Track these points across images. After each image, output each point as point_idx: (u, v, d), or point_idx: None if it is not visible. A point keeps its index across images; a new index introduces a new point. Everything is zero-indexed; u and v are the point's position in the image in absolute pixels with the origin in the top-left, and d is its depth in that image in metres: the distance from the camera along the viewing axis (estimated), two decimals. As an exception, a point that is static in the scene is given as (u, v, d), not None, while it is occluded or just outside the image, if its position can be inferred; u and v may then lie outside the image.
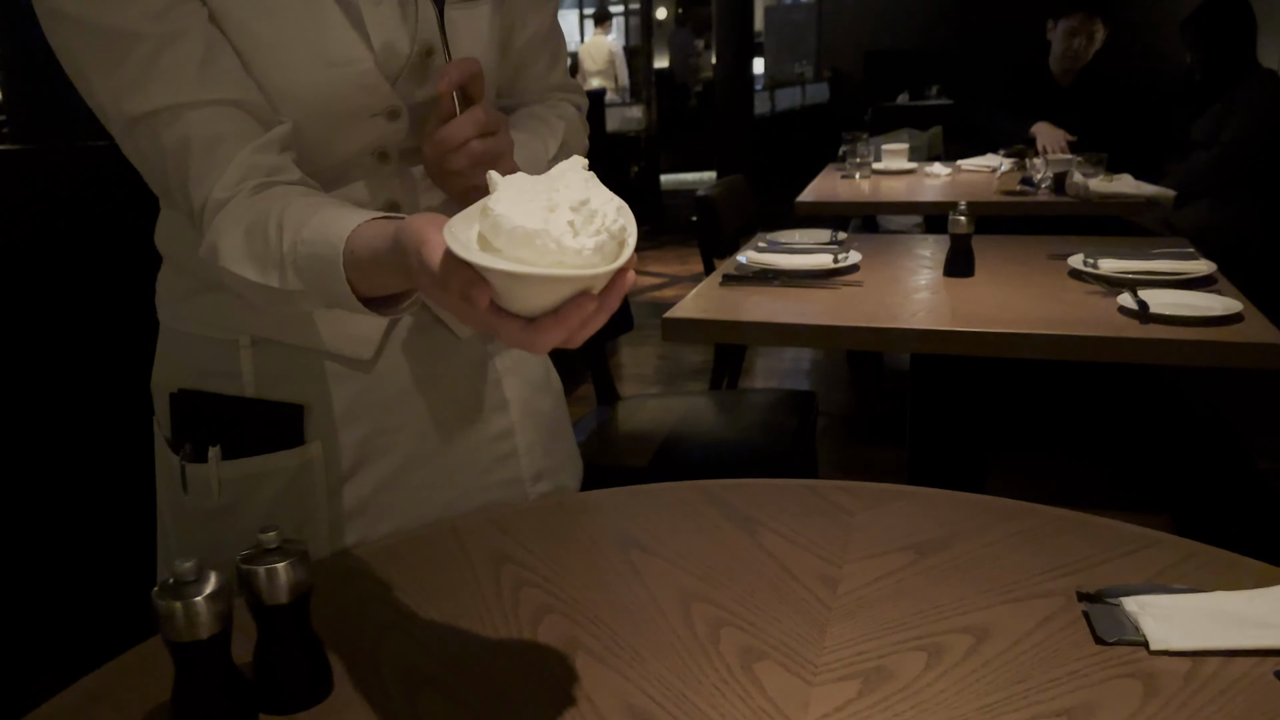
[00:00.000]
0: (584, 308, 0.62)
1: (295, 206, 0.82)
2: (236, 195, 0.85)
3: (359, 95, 0.93)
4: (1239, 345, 1.62)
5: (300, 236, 0.79)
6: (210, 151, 0.86)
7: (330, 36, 0.90)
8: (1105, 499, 2.83)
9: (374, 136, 0.96)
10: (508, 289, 0.61)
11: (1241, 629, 0.80)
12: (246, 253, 0.83)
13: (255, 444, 1.01)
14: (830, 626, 0.84)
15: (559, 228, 0.60)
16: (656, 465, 2.13)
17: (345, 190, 0.97)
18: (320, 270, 0.77)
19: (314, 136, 0.93)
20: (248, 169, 0.86)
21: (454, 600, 0.90)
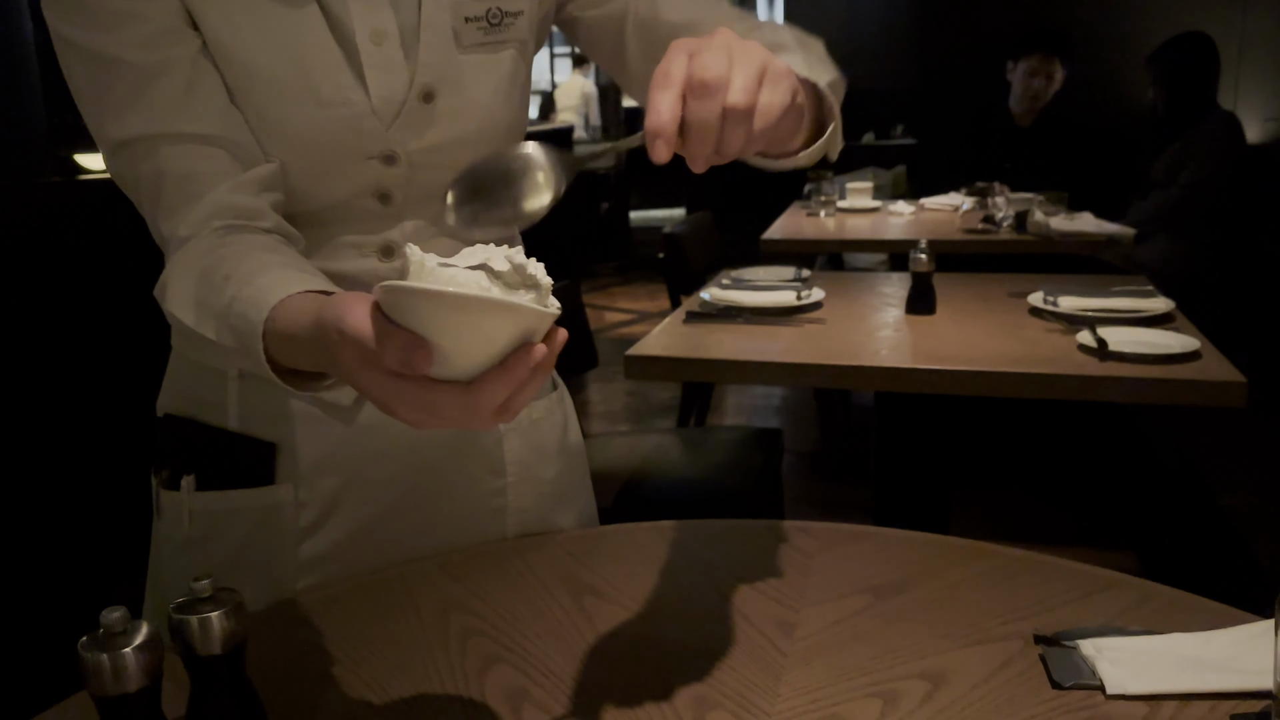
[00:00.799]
0: (531, 356, 0.56)
1: (251, 261, 0.78)
2: (200, 234, 0.83)
3: (351, 137, 0.90)
4: (1196, 383, 1.63)
5: (240, 293, 0.74)
6: (181, 187, 0.84)
7: (323, 75, 0.88)
8: (1069, 536, 2.84)
9: (370, 180, 0.93)
10: (451, 335, 0.56)
11: (1198, 672, 0.79)
12: (192, 299, 0.80)
13: (227, 478, 0.99)
14: (785, 673, 0.83)
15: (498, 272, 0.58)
16: (621, 504, 2.11)
17: (342, 233, 0.95)
18: (245, 333, 0.72)
19: (305, 175, 0.91)
20: (216, 209, 0.84)
21: (399, 650, 0.87)
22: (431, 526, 1.06)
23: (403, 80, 0.90)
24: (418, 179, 0.95)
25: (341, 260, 0.95)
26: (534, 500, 1.11)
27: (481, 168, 0.69)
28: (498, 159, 0.70)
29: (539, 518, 1.11)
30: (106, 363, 2.30)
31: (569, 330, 0.62)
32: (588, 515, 1.20)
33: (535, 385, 0.58)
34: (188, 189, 0.84)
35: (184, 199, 0.84)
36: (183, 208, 0.84)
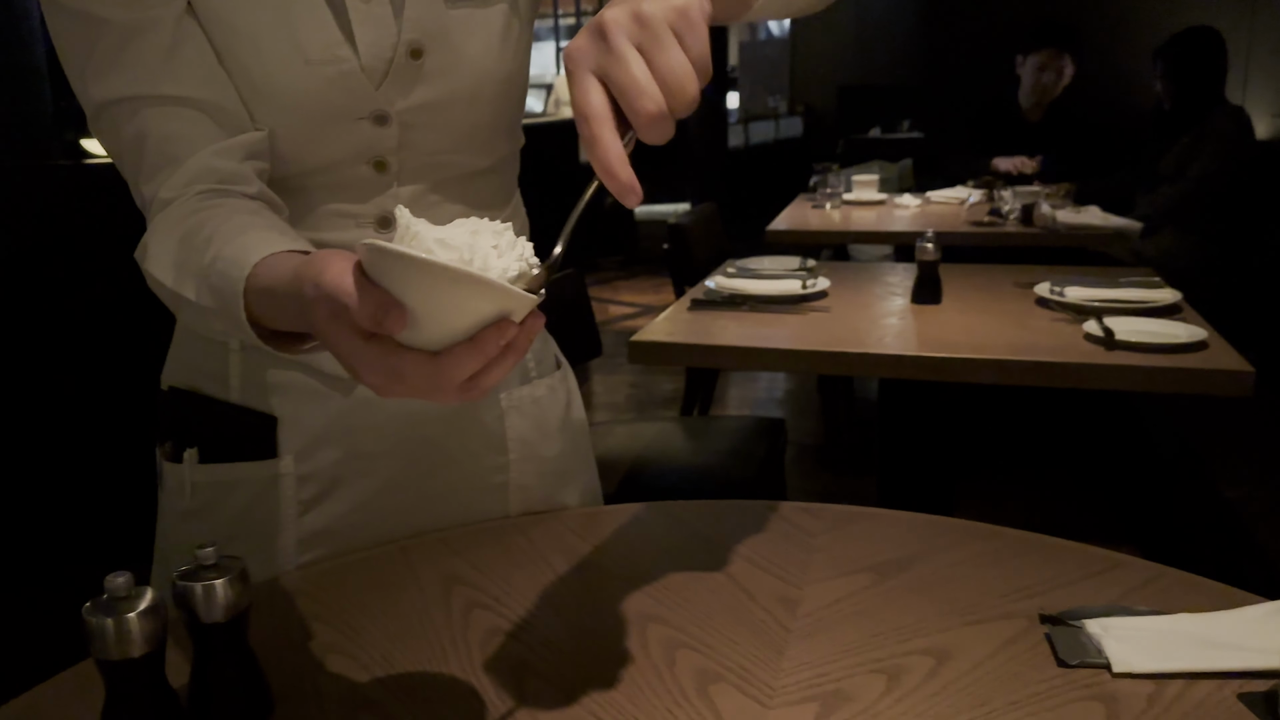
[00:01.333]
0: (504, 332, 0.55)
1: (233, 222, 0.77)
2: (182, 197, 0.83)
3: (340, 96, 0.89)
4: (1204, 372, 1.62)
5: (221, 252, 0.73)
6: (162, 149, 0.84)
7: (310, 32, 0.87)
8: (1071, 526, 2.82)
9: (362, 142, 0.92)
10: (428, 303, 0.55)
11: (1205, 650, 0.79)
12: (173, 259, 0.79)
13: (229, 450, 0.99)
14: (788, 649, 0.82)
15: (483, 248, 0.56)
16: (623, 492, 2.11)
17: (335, 201, 0.94)
18: (226, 291, 0.71)
19: (295, 139, 0.90)
20: (199, 172, 0.83)
21: (401, 622, 0.87)
22: (433, 502, 1.05)
23: (390, 36, 0.89)
24: (412, 141, 0.93)
25: (336, 230, 0.94)
26: (536, 478, 1.10)
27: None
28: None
29: (542, 496, 1.11)
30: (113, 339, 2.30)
31: (572, 317, 0.61)
32: (591, 494, 1.19)
33: (506, 366, 0.58)
34: (169, 151, 0.84)
35: (165, 161, 0.84)
36: (164, 170, 0.83)
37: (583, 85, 0.62)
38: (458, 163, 0.98)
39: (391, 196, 0.95)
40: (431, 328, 0.56)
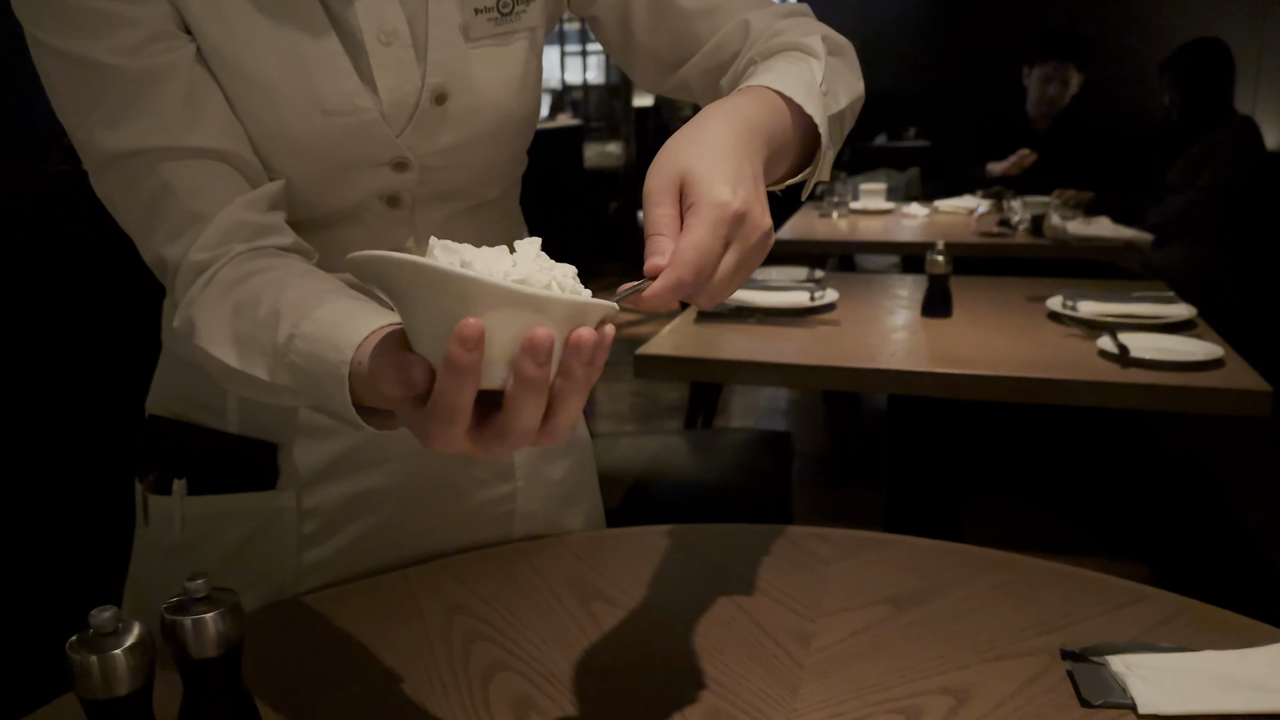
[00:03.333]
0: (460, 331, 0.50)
1: (293, 291, 0.73)
2: (220, 259, 0.78)
3: (360, 145, 0.85)
4: (1221, 391, 1.59)
5: (299, 330, 0.68)
6: (186, 206, 0.79)
7: (327, 80, 0.82)
8: (1083, 546, 2.80)
9: (380, 186, 0.88)
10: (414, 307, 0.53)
11: (1233, 691, 0.76)
12: (231, 335, 0.74)
13: (224, 481, 0.95)
14: (802, 687, 0.79)
15: (496, 255, 0.53)
16: (628, 505, 2.08)
17: (347, 236, 0.90)
18: (319, 373, 0.67)
19: (311, 186, 0.86)
20: (231, 228, 0.79)
21: (399, 655, 0.84)
22: (437, 533, 1.02)
23: (413, 81, 0.85)
24: (431, 180, 0.90)
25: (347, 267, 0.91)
26: (541, 503, 1.07)
27: None
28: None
29: (546, 520, 1.08)
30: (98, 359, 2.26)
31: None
32: (595, 515, 1.17)
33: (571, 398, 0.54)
34: (194, 208, 0.79)
35: (190, 219, 0.79)
36: (190, 229, 0.79)
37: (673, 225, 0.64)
38: (472, 195, 0.95)
39: (405, 231, 0.92)
40: (420, 335, 0.53)
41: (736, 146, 0.67)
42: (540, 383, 0.52)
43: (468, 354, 0.50)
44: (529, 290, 0.51)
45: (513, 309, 0.51)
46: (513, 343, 0.51)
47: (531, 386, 0.52)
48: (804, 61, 0.81)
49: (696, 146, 0.66)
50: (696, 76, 0.93)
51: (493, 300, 0.50)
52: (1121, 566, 2.57)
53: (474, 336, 0.49)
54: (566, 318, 0.52)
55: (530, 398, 0.52)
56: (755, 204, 0.65)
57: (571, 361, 0.53)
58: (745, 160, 0.67)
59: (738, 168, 0.65)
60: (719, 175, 0.64)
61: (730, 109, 0.72)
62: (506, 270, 0.52)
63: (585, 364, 0.53)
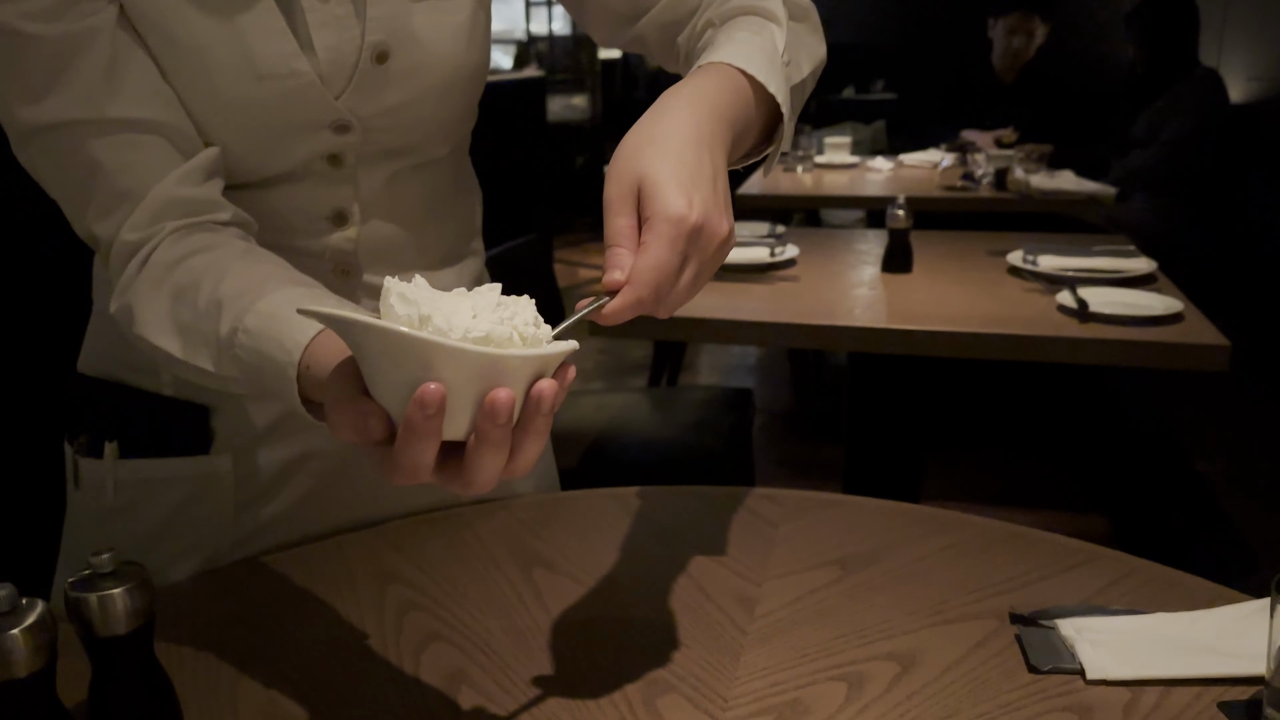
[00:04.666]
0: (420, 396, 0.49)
1: (234, 278, 0.70)
2: (152, 239, 0.75)
3: (298, 110, 0.80)
4: (1179, 346, 1.58)
5: (243, 324, 0.66)
6: (115, 182, 0.75)
7: (261, 42, 0.77)
8: (1043, 500, 2.81)
9: (321, 147, 0.84)
10: (374, 365, 0.52)
11: (1183, 655, 0.74)
12: (172, 323, 0.72)
13: (157, 444, 0.92)
14: (744, 654, 0.77)
15: (455, 307, 0.51)
16: (586, 464, 2.05)
17: (287, 195, 0.85)
18: (266, 371, 0.65)
19: (247, 152, 0.81)
20: (164, 205, 0.75)
21: (329, 626, 0.81)
22: (380, 497, 0.99)
23: (353, 39, 0.80)
24: (373, 140, 0.86)
25: (284, 232, 0.86)
26: None
27: None
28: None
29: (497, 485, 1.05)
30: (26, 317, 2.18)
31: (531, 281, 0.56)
32: (548, 479, 1.14)
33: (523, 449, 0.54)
34: (123, 185, 0.75)
35: (120, 196, 0.75)
36: (120, 207, 0.75)
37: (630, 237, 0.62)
38: (418, 152, 0.91)
39: (346, 190, 0.88)
40: (379, 389, 0.52)
41: (697, 142, 0.65)
42: (502, 440, 0.52)
43: (428, 420, 0.50)
44: (490, 352, 0.50)
45: (474, 369, 0.50)
46: (474, 398, 0.51)
47: (492, 444, 0.52)
48: (765, 29, 0.77)
49: (654, 148, 0.64)
50: (653, 32, 0.89)
51: (454, 364, 0.50)
52: (1081, 520, 2.59)
53: (435, 402, 0.49)
54: (528, 373, 0.52)
55: (492, 452, 0.52)
56: (713, 211, 0.63)
57: (533, 413, 0.53)
58: (705, 157, 0.65)
59: (696, 170, 0.64)
60: (676, 183, 0.62)
61: (692, 95, 0.69)
62: (467, 327, 0.51)
63: (545, 414, 0.53)
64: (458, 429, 0.52)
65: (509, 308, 0.52)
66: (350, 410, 0.53)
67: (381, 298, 0.52)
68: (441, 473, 0.54)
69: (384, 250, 0.91)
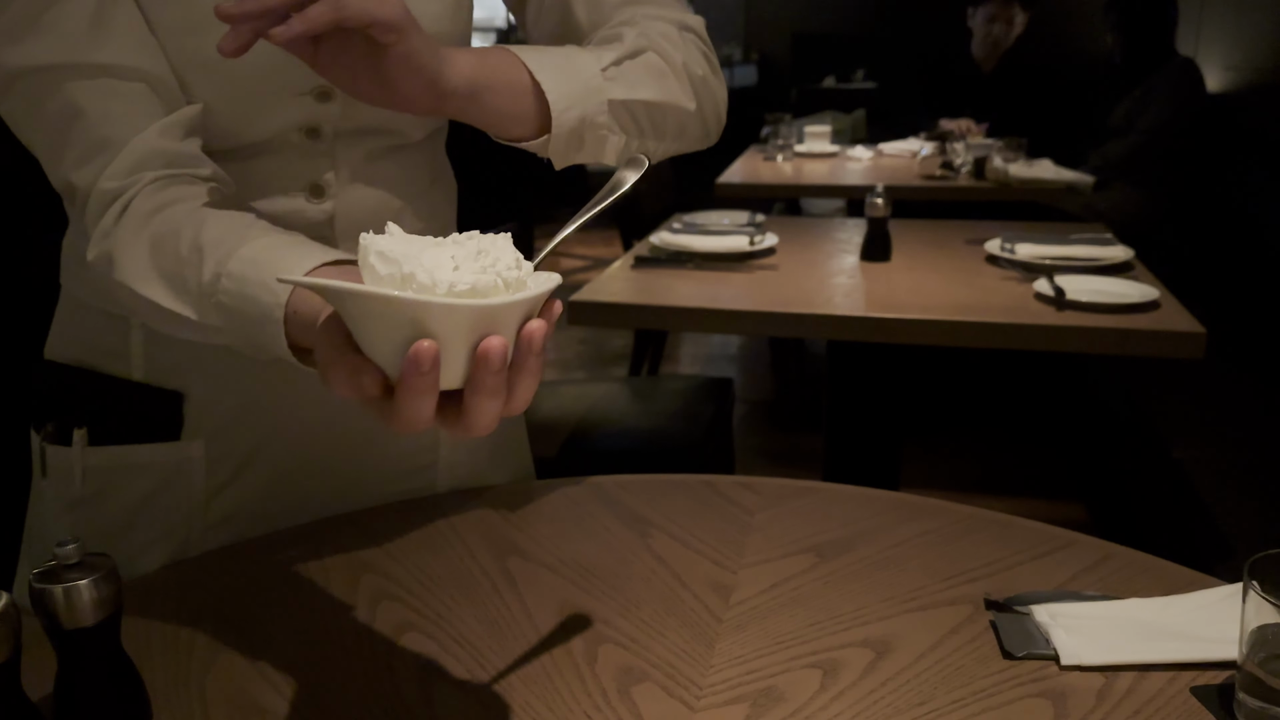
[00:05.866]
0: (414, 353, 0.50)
1: (215, 225, 0.70)
2: (131, 187, 0.74)
3: (282, 72, 0.79)
4: (1155, 333, 1.59)
5: (226, 269, 0.66)
6: (97, 130, 0.74)
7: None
8: (1021, 488, 2.82)
9: (301, 116, 0.83)
10: (361, 327, 0.52)
11: (1156, 641, 0.74)
12: (155, 270, 0.71)
13: (127, 431, 0.90)
14: (719, 641, 0.77)
15: (432, 259, 0.51)
16: (566, 455, 2.04)
17: (264, 168, 0.85)
18: (252, 315, 0.65)
19: (229, 113, 0.80)
20: (145, 155, 0.74)
21: (300, 616, 0.80)
22: (355, 483, 0.98)
23: None
24: (352, 113, 0.85)
25: (266, 199, 0.85)
26: (467, 454, 1.03)
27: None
28: None
29: (472, 473, 1.04)
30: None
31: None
32: (524, 468, 1.13)
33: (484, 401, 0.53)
34: (104, 133, 0.74)
35: (99, 144, 0.74)
36: (100, 154, 0.74)
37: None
38: (395, 133, 0.90)
39: (323, 163, 0.87)
40: (379, 354, 0.52)
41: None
42: (498, 386, 0.52)
43: (423, 376, 0.50)
44: (479, 304, 0.50)
45: (464, 322, 0.50)
46: (467, 347, 0.51)
47: (489, 390, 0.52)
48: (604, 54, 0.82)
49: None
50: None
51: (445, 319, 0.50)
52: (1058, 507, 2.60)
53: (430, 359, 0.49)
54: (517, 316, 0.53)
55: (489, 398, 0.52)
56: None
57: (525, 353, 0.53)
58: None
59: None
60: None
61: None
62: (451, 281, 0.51)
63: (537, 353, 0.53)
64: (454, 378, 0.52)
65: (489, 254, 0.52)
66: (344, 368, 0.53)
67: (360, 256, 0.52)
68: (442, 418, 0.53)
69: (360, 228, 0.90)
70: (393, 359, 0.51)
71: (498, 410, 0.53)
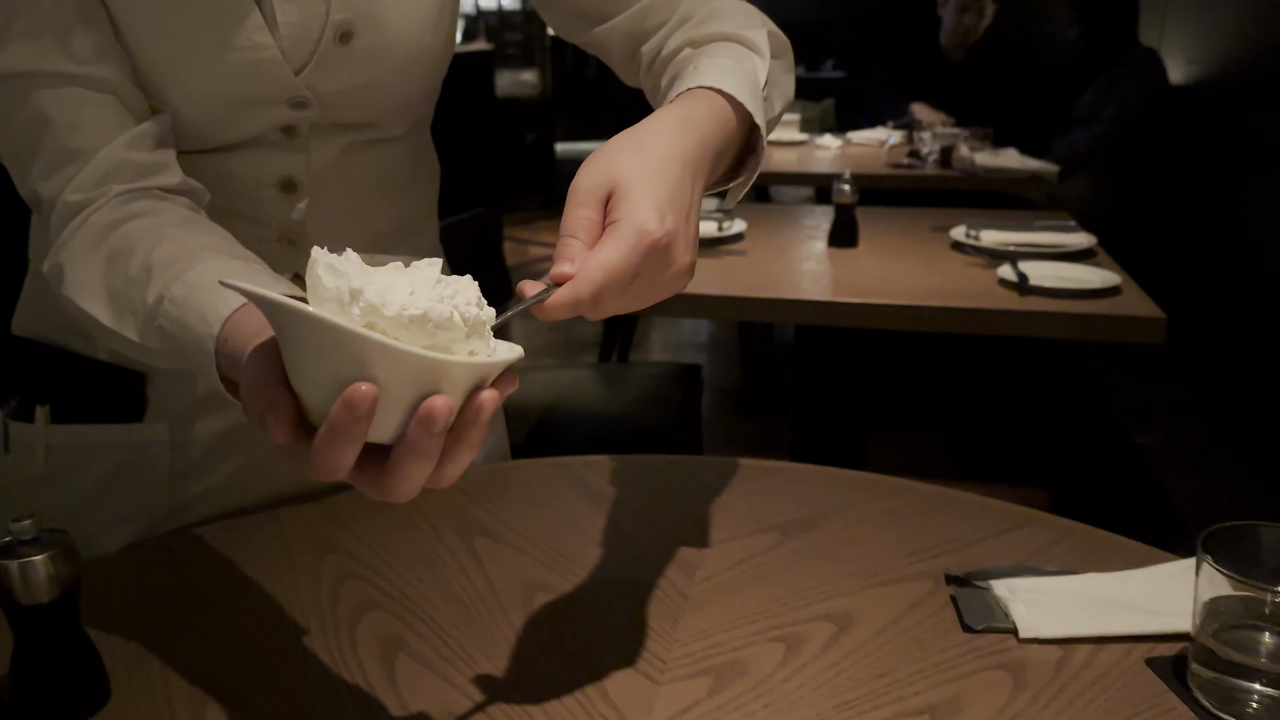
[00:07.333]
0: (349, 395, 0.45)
1: (168, 246, 0.67)
2: (95, 201, 0.72)
3: (256, 83, 0.78)
4: (1116, 318, 1.61)
5: (170, 292, 0.64)
6: (63, 140, 0.73)
7: (224, 13, 0.75)
8: (985, 474, 2.85)
9: (276, 120, 0.82)
10: (293, 351, 0.48)
11: (1113, 613, 0.76)
12: (104, 289, 0.69)
13: (91, 410, 0.90)
14: (684, 617, 0.77)
15: (390, 282, 0.47)
16: (534, 441, 2.04)
17: (236, 161, 0.83)
18: (187, 343, 0.62)
19: (202, 120, 0.79)
20: (111, 168, 0.73)
21: (263, 596, 0.80)
22: None
23: (317, 17, 0.78)
24: (331, 117, 0.84)
25: (235, 197, 0.84)
26: None
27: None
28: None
29: None
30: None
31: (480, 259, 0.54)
32: (498, 453, 1.13)
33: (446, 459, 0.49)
34: (71, 143, 0.73)
35: (66, 155, 0.73)
36: (66, 165, 0.73)
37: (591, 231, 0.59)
38: (375, 128, 0.89)
39: (297, 159, 0.86)
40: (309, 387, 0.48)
41: (683, 166, 0.62)
42: (433, 450, 0.48)
43: (355, 422, 0.46)
44: (433, 356, 0.46)
45: (413, 372, 0.46)
46: (408, 402, 0.47)
47: (423, 452, 0.48)
48: (748, 59, 0.75)
49: (640, 155, 0.61)
50: (616, 39, 0.86)
51: (392, 364, 0.45)
52: (1022, 493, 2.63)
53: (366, 405, 0.45)
54: (470, 380, 0.48)
55: (420, 462, 0.48)
56: (680, 238, 0.60)
57: (470, 422, 0.49)
58: (688, 184, 0.62)
59: (675, 192, 0.60)
60: (651, 196, 0.59)
61: (686, 118, 0.66)
62: (403, 304, 0.46)
63: (482, 425, 0.49)
64: (384, 432, 0.48)
65: (449, 285, 0.48)
66: (259, 399, 0.50)
67: (308, 269, 0.48)
68: (360, 474, 0.49)
69: (334, 222, 0.89)
70: (324, 395, 0.46)
71: (424, 476, 0.49)
